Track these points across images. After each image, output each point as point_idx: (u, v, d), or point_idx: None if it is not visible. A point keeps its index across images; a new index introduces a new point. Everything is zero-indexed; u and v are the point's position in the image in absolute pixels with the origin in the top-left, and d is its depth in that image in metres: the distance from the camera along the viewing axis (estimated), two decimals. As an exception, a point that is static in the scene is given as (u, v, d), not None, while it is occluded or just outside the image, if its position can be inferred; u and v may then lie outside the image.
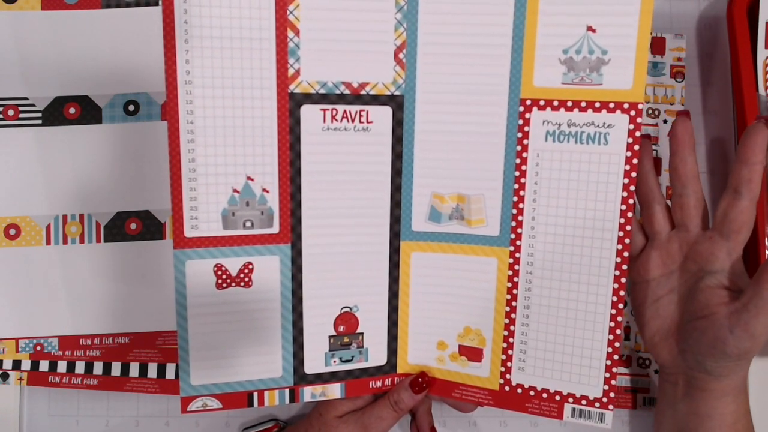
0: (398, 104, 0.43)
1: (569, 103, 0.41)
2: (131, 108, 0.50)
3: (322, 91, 0.42)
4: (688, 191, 0.42)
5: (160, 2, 0.48)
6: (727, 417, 0.41)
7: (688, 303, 0.42)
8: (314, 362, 0.45)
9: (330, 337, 0.45)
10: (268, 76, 0.41)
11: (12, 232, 0.51)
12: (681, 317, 0.43)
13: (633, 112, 0.40)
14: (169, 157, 0.41)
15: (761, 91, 0.47)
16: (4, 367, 0.51)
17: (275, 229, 0.43)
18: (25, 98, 0.51)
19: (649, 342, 0.44)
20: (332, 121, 0.42)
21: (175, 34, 0.39)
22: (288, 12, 0.41)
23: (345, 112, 0.42)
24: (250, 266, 0.43)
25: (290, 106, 0.42)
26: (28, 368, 0.51)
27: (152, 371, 0.51)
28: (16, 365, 0.51)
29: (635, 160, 0.41)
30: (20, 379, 0.51)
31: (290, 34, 0.41)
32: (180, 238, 0.42)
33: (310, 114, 0.42)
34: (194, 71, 0.40)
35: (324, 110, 0.42)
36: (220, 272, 0.43)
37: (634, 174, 0.41)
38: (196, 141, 0.41)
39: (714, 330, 0.40)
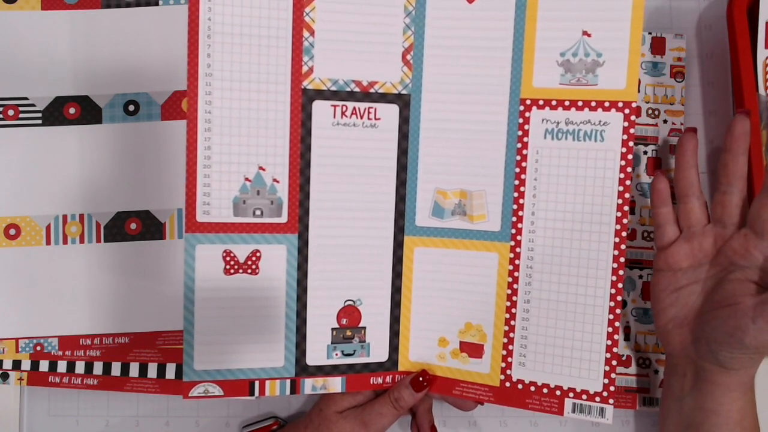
0: (405, 102, 0.48)
1: (567, 103, 0.46)
2: (131, 108, 0.53)
3: (334, 88, 0.48)
4: (734, 189, 0.46)
5: (180, 1, 0.53)
6: (734, 414, 0.44)
7: (712, 293, 0.45)
8: (316, 354, 0.49)
9: (333, 329, 0.49)
10: (283, 72, 0.47)
11: (12, 232, 0.53)
12: (701, 307, 0.46)
13: (627, 111, 0.45)
14: (187, 144, 0.46)
15: (761, 91, 0.51)
16: (4, 367, 0.53)
17: (284, 218, 0.48)
18: (25, 98, 0.53)
19: (662, 329, 0.47)
20: (342, 117, 0.48)
21: (199, 30, 0.45)
22: (304, 13, 0.47)
23: (354, 108, 0.48)
24: (258, 254, 0.47)
25: (303, 101, 0.47)
26: (28, 368, 0.53)
27: (152, 371, 0.53)
28: (16, 365, 0.53)
29: (630, 156, 0.46)
30: (20, 379, 0.53)
31: (306, 33, 0.47)
32: (192, 222, 0.46)
33: (321, 109, 0.47)
34: (214, 65, 0.46)
35: (334, 106, 0.48)
36: (228, 258, 0.47)
37: (629, 169, 0.46)
38: (212, 130, 0.46)
39: (736, 319, 0.43)
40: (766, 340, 0.42)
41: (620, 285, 0.46)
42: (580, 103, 0.46)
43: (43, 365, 0.54)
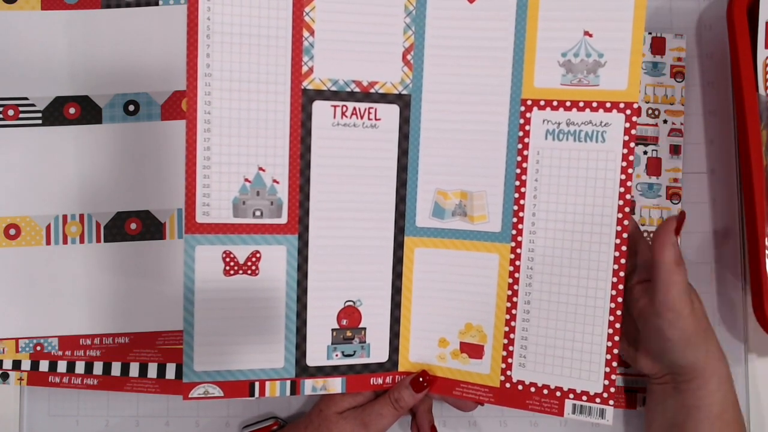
0: (405, 103, 0.48)
1: (568, 103, 0.46)
2: (131, 108, 0.53)
3: (334, 88, 0.47)
4: None
5: (182, 0, 0.53)
6: (714, 407, 0.45)
7: (632, 312, 0.47)
8: (316, 354, 0.48)
9: (333, 330, 0.49)
10: (283, 72, 0.47)
11: (12, 232, 0.53)
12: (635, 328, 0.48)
13: (628, 111, 0.45)
14: (186, 145, 0.45)
15: (761, 91, 0.51)
16: (4, 367, 0.53)
17: (283, 219, 0.47)
18: (25, 98, 0.53)
19: (630, 359, 0.49)
20: (342, 117, 0.47)
21: (198, 30, 0.45)
22: (304, 13, 0.46)
23: (354, 108, 0.47)
24: (258, 255, 0.47)
25: (303, 101, 0.47)
26: (28, 368, 0.53)
27: (152, 371, 0.53)
28: (16, 365, 0.53)
29: (631, 157, 0.45)
30: (20, 379, 0.53)
31: (305, 33, 0.47)
32: (191, 223, 0.46)
33: (321, 110, 0.47)
34: (214, 65, 0.45)
35: (335, 106, 0.47)
36: (228, 259, 0.47)
37: (630, 170, 0.45)
38: (212, 131, 0.46)
39: (649, 324, 0.45)
40: (684, 325, 0.43)
41: (621, 286, 0.46)
42: (581, 104, 0.46)
43: (43, 365, 0.54)
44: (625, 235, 0.46)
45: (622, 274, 0.46)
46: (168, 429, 0.55)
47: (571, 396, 0.47)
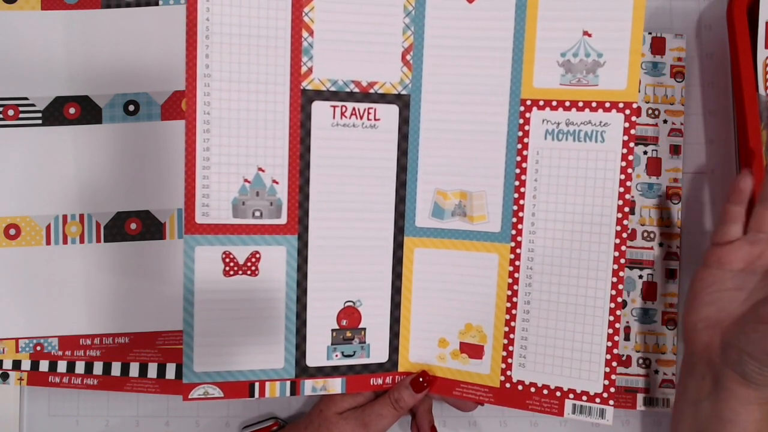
0: (405, 103, 0.48)
1: (567, 103, 0.46)
2: (131, 108, 0.53)
3: (333, 88, 0.47)
4: None
5: (182, 0, 0.53)
6: (751, 425, 0.43)
7: (759, 305, 0.43)
8: (316, 355, 0.48)
9: (333, 330, 0.49)
10: (282, 72, 0.46)
11: (12, 232, 0.53)
12: (743, 315, 0.44)
13: (628, 111, 0.45)
14: (185, 145, 0.45)
15: (761, 91, 0.51)
16: (4, 367, 0.53)
17: (283, 219, 0.47)
18: (25, 98, 0.53)
19: (691, 326, 0.46)
20: (341, 118, 0.47)
21: (197, 31, 0.45)
22: (303, 14, 0.46)
23: (354, 109, 0.47)
24: (257, 255, 0.47)
25: (302, 101, 0.47)
26: (28, 368, 0.53)
27: (152, 371, 0.53)
28: (16, 365, 0.53)
29: (631, 157, 0.45)
30: (20, 379, 0.53)
31: (305, 34, 0.47)
32: (191, 224, 0.46)
33: (320, 110, 0.47)
34: (213, 65, 0.45)
35: (334, 107, 0.47)
36: (227, 259, 0.47)
37: (630, 170, 0.45)
38: (211, 131, 0.46)
39: None
40: None
41: (620, 286, 0.46)
42: (580, 104, 0.46)
43: (43, 365, 0.54)
44: (624, 235, 0.45)
45: (621, 274, 0.46)
46: (168, 429, 0.55)
47: (571, 396, 0.46)
